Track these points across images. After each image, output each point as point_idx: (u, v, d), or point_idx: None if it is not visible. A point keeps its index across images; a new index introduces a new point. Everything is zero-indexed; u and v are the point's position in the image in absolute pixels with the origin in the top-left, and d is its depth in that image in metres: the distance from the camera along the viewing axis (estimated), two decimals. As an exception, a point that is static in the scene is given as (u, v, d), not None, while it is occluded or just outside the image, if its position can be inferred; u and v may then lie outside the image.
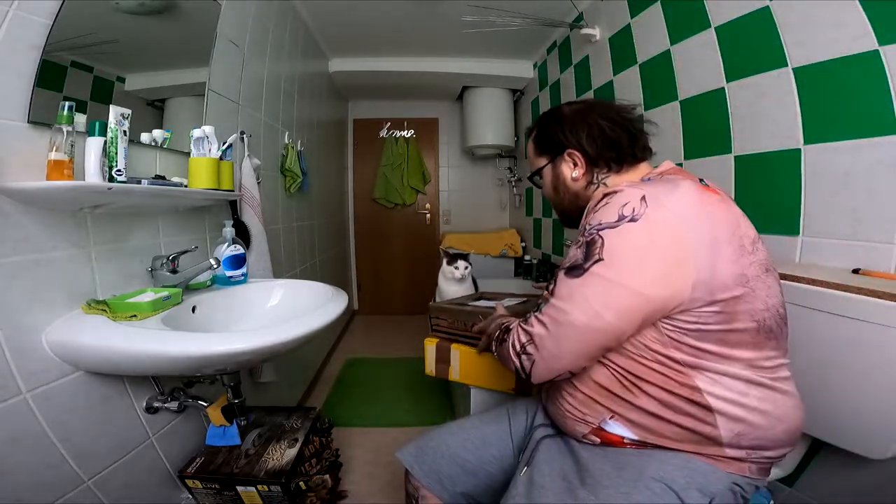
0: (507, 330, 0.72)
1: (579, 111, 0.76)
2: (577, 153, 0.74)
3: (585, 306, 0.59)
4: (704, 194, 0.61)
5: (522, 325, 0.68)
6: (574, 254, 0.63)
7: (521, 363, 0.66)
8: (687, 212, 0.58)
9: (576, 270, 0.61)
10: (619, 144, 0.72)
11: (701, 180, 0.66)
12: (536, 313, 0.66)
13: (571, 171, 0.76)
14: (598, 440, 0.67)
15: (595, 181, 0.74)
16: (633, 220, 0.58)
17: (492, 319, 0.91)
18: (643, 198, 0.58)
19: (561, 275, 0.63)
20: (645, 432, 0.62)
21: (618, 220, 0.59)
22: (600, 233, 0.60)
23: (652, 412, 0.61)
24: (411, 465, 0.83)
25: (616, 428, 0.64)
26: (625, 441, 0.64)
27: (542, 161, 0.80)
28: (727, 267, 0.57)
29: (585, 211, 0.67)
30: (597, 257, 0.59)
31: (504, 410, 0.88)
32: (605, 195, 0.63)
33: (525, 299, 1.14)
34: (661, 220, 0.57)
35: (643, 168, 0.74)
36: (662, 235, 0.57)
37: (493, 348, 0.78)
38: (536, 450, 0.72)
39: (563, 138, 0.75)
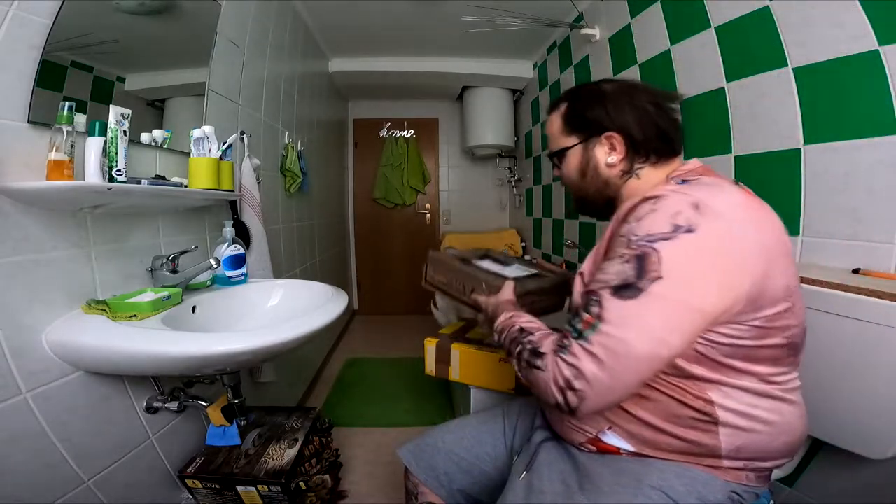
0: (537, 353, 0.58)
1: (623, 90, 0.68)
2: (618, 137, 0.66)
3: (648, 332, 0.51)
4: (750, 198, 0.57)
5: (563, 356, 0.54)
6: (620, 269, 0.54)
7: (565, 399, 0.53)
8: (735, 216, 0.54)
9: (629, 290, 0.52)
10: (667, 135, 0.66)
11: (735, 182, 0.63)
12: (581, 342, 0.53)
13: (607, 155, 0.68)
14: (595, 449, 0.65)
15: (631, 171, 0.68)
16: (689, 230, 0.52)
17: (497, 304, 0.77)
18: (695, 205, 0.53)
19: (607, 295, 0.53)
20: (642, 444, 0.61)
21: (673, 231, 0.52)
22: (653, 245, 0.52)
23: (653, 424, 0.59)
24: (409, 462, 0.84)
25: (613, 439, 0.63)
26: (621, 451, 0.63)
27: (571, 140, 0.71)
28: (779, 278, 0.53)
29: (617, 215, 0.62)
30: (655, 274, 0.51)
31: (499, 410, 0.88)
32: (646, 200, 0.57)
33: (535, 272, 1.04)
34: (718, 229, 0.52)
35: (675, 163, 0.68)
36: (721, 244, 0.52)
37: (518, 368, 0.63)
38: (536, 453, 0.71)
39: (604, 118, 0.67)
